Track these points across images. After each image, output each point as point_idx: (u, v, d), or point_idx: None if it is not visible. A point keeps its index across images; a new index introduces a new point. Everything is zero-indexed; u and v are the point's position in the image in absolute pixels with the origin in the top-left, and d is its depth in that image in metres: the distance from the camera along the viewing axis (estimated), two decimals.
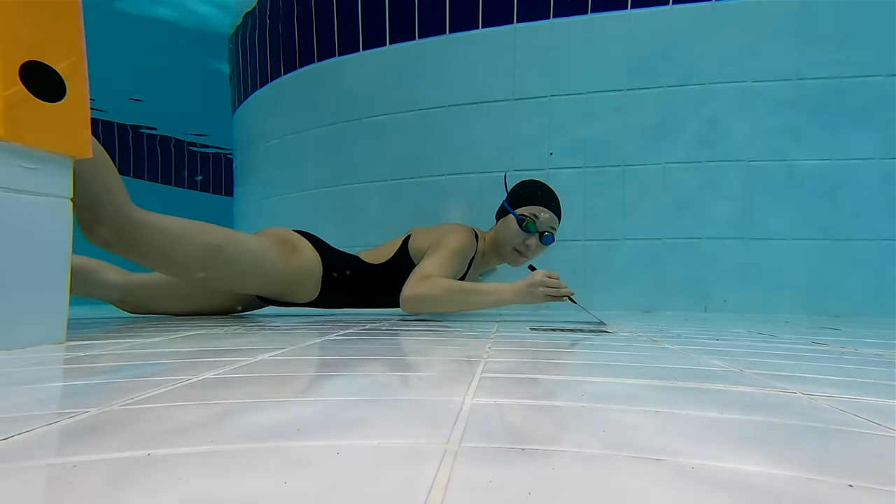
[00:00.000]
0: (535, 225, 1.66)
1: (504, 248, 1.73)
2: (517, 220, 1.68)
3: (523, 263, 1.75)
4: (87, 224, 1.20)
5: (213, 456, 0.32)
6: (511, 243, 1.70)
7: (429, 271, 1.51)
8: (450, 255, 1.57)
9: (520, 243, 1.69)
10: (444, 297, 1.48)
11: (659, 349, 0.90)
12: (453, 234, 1.63)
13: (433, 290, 1.47)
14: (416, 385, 0.58)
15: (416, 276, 1.51)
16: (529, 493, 0.27)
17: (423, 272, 1.51)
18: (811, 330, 1.41)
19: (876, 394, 0.55)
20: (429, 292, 1.47)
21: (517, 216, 1.68)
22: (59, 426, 0.39)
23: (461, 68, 2.46)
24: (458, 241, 1.61)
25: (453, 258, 1.58)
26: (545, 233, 1.68)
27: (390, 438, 0.36)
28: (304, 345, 0.90)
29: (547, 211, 1.68)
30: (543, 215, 1.68)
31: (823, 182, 2.14)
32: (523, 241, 1.68)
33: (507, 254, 1.74)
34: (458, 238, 1.62)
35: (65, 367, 0.70)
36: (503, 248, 1.74)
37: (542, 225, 1.68)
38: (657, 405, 0.47)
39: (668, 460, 0.32)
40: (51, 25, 0.90)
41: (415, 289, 1.49)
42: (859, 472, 0.31)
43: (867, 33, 2.11)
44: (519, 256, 1.73)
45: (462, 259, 1.62)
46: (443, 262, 1.55)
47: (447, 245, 1.59)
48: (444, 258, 1.56)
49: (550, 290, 1.47)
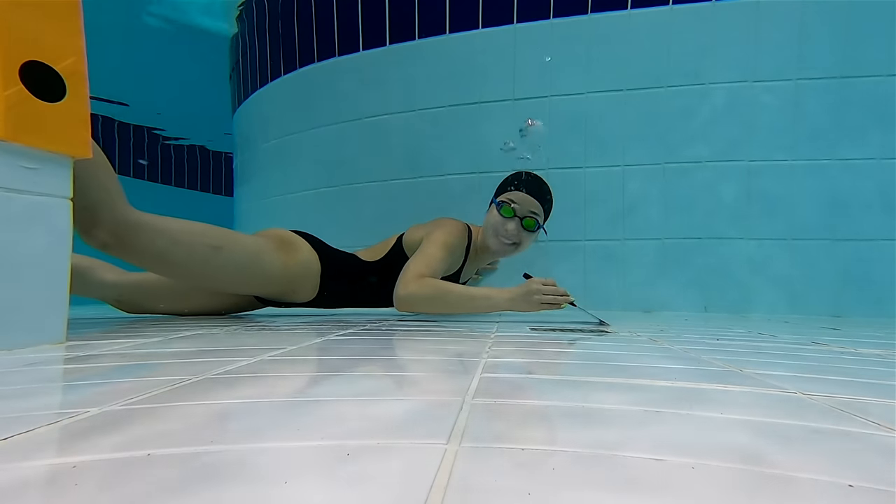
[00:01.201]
0: (511, 210, 1.64)
1: (489, 238, 1.71)
2: (496, 207, 1.66)
3: (512, 252, 1.72)
4: (85, 227, 1.20)
5: (213, 456, 0.32)
6: (493, 230, 1.68)
7: (421, 270, 1.51)
8: (441, 248, 1.57)
9: (500, 228, 1.66)
10: (438, 299, 1.48)
11: (659, 349, 0.90)
12: (444, 227, 1.63)
13: (427, 290, 1.47)
14: (416, 385, 0.58)
15: (410, 274, 1.50)
16: (529, 493, 0.27)
17: (416, 270, 1.51)
18: (811, 330, 1.41)
19: (876, 394, 0.55)
20: (422, 293, 1.47)
21: (496, 202, 1.67)
22: (59, 426, 0.39)
23: (461, 68, 2.46)
24: (448, 235, 1.61)
25: (445, 252, 1.57)
26: (525, 217, 1.65)
27: (390, 438, 0.36)
28: (304, 345, 0.90)
29: (526, 196, 1.65)
30: (522, 201, 1.64)
31: (823, 182, 2.13)
32: (503, 225, 1.66)
33: (493, 243, 1.71)
34: (448, 231, 1.62)
35: (65, 367, 0.70)
36: (489, 238, 1.71)
37: (520, 209, 1.64)
38: (657, 405, 0.47)
39: (669, 460, 0.32)
40: (51, 25, 0.90)
41: (408, 287, 1.48)
42: (859, 472, 0.31)
43: (867, 33, 2.11)
44: (504, 243, 1.69)
45: (453, 253, 1.62)
46: (435, 257, 1.54)
47: (438, 239, 1.59)
48: (436, 252, 1.55)
49: (547, 298, 1.46)
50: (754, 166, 2.18)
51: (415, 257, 1.56)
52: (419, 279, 1.49)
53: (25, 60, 0.85)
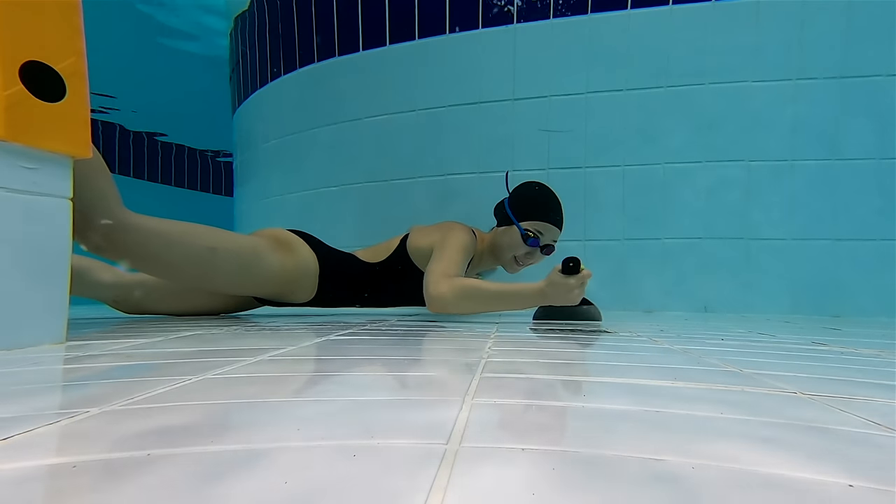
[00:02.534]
0: (538, 241, 1.66)
1: (503, 255, 1.73)
2: (521, 234, 1.66)
3: (518, 271, 1.77)
4: (80, 229, 1.17)
5: (212, 456, 0.32)
6: (511, 252, 1.70)
7: (448, 270, 1.48)
8: (459, 252, 1.55)
9: (521, 255, 1.70)
10: (472, 298, 1.43)
11: (659, 349, 0.90)
12: (457, 231, 1.63)
13: (460, 290, 1.43)
14: (416, 385, 0.58)
15: (438, 274, 1.47)
16: (533, 493, 0.27)
17: (443, 270, 1.48)
18: (811, 330, 1.41)
19: (875, 394, 0.55)
20: (456, 292, 1.43)
21: (521, 230, 1.66)
22: (59, 426, 0.39)
23: (461, 68, 2.46)
24: (462, 240, 1.60)
25: (463, 255, 1.56)
26: (547, 246, 1.69)
27: (390, 438, 0.36)
28: (304, 345, 0.90)
29: (552, 227, 1.68)
30: (548, 231, 1.67)
31: (823, 182, 2.13)
32: (524, 253, 1.69)
33: (506, 261, 1.74)
34: (462, 236, 1.61)
35: (65, 367, 0.70)
36: (502, 255, 1.73)
37: (543, 240, 1.67)
38: (657, 405, 0.47)
39: (669, 460, 0.32)
40: (51, 25, 0.90)
41: (439, 288, 1.44)
42: (859, 472, 0.31)
43: (867, 33, 2.11)
44: (516, 265, 1.74)
45: (468, 257, 1.62)
46: (455, 260, 1.53)
47: (455, 243, 1.57)
48: (455, 256, 1.54)
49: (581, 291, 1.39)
50: (754, 166, 2.18)
51: (437, 259, 1.54)
52: (449, 279, 1.46)
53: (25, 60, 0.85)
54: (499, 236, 1.73)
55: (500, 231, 1.74)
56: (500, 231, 1.74)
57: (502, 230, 1.73)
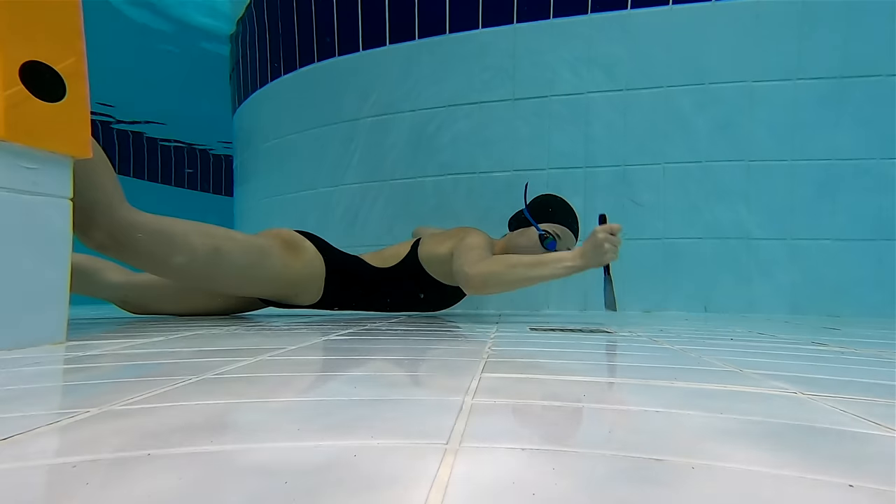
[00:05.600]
0: (556, 243, 1.65)
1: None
2: (539, 235, 1.65)
3: None
4: (82, 228, 1.17)
5: (213, 456, 0.32)
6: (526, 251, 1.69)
7: (480, 254, 1.47)
8: (483, 248, 1.54)
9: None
10: (510, 272, 1.40)
11: (659, 349, 0.90)
12: (474, 232, 1.62)
13: (497, 267, 1.41)
14: (416, 385, 0.58)
15: (474, 258, 1.46)
16: (534, 493, 0.27)
17: (476, 255, 1.47)
18: (811, 330, 1.41)
19: (876, 394, 0.55)
20: (494, 269, 1.41)
21: (540, 231, 1.65)
22: (59, 426, 0.39)
23: (461, 68, 2.46)
24: (483, 237, 1.60)
25: (488, 251, 1.55)
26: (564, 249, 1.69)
27: (391, 438, 0.36)
28: (304, 345, 0.90)
29: (569, 233, 1.68)
30: (565, 236, 1.67)
31: (823, 182, 2.13)
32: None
33: None
34: (481, 235, 1.61)
35: (65, 367, 0.70)
36: None
37: (561, 244, 1.67)
38: (657, 405, 0.47)
39: (669, 460, 0.32)
40: (51, 25, 0.90)
41: (477, 267, 1.42)
42: (859, 472, 0.31)
43: (867, 33, 2.11)
44: None
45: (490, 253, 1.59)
46: (484, 251, 1.51)
47: (476, 241, 1.56)
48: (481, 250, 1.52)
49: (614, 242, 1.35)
50: (754, 166, 2.18)
51: (465, 251, 1.52)
52: (483, 260, 1.44)
53: (25, 60, 0.85)
54: (514, 238, 1.72)
55: (516, 233, 1.73)
56: (516, 233, 1.73)
57: (518, 232, 1.72)
